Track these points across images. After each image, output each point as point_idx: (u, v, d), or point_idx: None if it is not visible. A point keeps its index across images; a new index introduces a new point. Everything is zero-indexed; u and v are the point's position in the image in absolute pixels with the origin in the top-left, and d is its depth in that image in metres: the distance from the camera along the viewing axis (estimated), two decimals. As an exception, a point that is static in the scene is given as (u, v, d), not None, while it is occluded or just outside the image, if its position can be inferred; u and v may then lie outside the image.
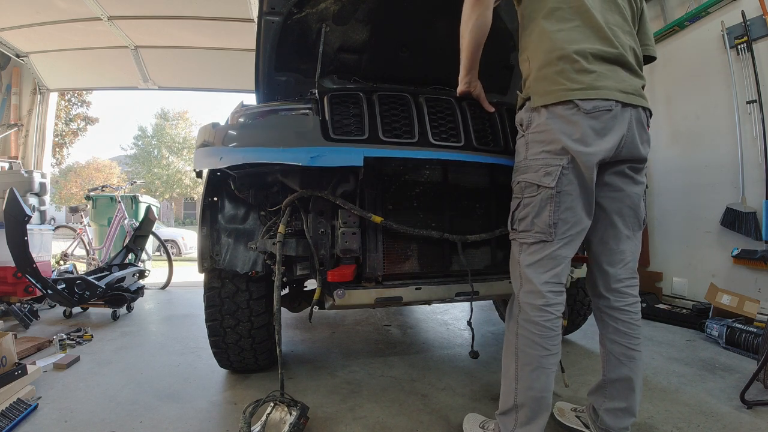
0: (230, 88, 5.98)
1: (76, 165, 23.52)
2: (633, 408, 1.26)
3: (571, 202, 1.16)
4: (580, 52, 1.13)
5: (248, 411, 1.38)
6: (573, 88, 1.12)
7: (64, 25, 4.66)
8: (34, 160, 5.63)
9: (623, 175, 1.24)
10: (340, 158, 1.37)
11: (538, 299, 1.17)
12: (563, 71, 1.14)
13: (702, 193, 3.09)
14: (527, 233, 1.20)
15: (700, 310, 2.74)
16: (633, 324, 1.28)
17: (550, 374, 1.16)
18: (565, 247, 1.17)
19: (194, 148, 1.71)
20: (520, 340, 1.18)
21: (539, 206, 1.17)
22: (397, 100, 1.59)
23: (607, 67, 1.15)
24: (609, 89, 1.13)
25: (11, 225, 2.19)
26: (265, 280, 1.72)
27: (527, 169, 1.20)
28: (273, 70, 2.19)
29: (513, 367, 1.19)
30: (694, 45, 3.11)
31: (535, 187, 1.18)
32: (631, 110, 1.16)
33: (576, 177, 1.15)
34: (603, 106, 1.12)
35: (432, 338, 2.60)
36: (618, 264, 1.29)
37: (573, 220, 1.17)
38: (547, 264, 1.17)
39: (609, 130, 1.14)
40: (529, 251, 1.20)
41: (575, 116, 1.12)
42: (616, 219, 1.27)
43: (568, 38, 1.15)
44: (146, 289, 3.59)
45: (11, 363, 1.66)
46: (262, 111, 1.58)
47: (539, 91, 1.18)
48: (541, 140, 1.17)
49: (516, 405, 1.17)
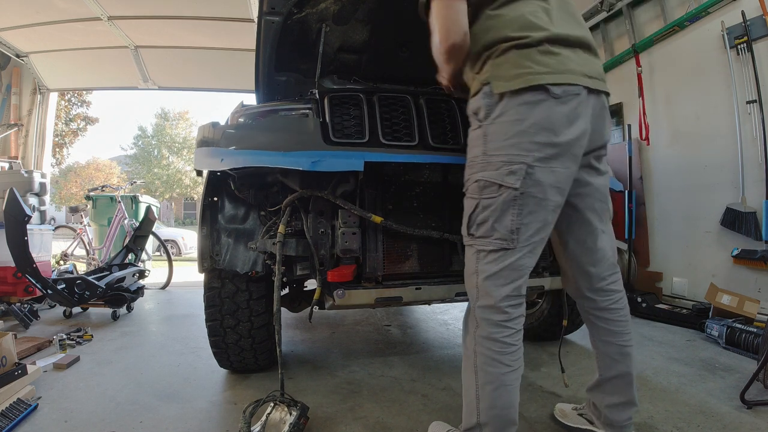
0: (230, 88, 5.98)
1: (76, 165, 23.52)
2: (633, 399, 1.24)
3: (536, 205, 1.04)
4: (542, 38, 1.05)
5: (248, 411, 1.38)
6: (541, 72, 1.02)
7: (64, 25, 4.66)
8: (34, 160, 5.63)
9: (590, 167, 1.17)
10: (341, 163, 1.37)
11: (497, 315, 1.07)
12: (528, 54, 1.04)
13: (702, 193, 3.08)
14: (486, 239, 1.08)
15: (700, 310, 2.74)
16: (623, 321, 1.24)
17: (513, 390, 1.08)
18: (528, 256, 1.08)
19: (194, 147, 1.71)
20: (479, 358, 1.08)
21: (501, 209, 1.05)
22: (397, 101, 1.59)
23: (570, 50, 1.08)
24: (575, 73, 1.05)
25: (11, 225, 2.19)
26: (265, 280, 1.72)
27: (486, 165, 1.07)
28: (273, 70, 2.19)
29: (474, 385, 1.09)
30: (694, 45, 3.11)
31: (495, 187, 1.05)
32: (595, 96, 1.09)
33: (544, 176, 1.03)
34: (572, 90, 1.03)
35: (432, 338, 2.59)
36: (600, 263, 1.23)
37: (537, 226, 1.06)
38: (509, 275, 1.07)
39: (578, 117, 1.05)
40: (487, 260, 1.08)
41: (544, 102, 1.02)
42: (590, 216, 1.19)
43: (527, 24, 1.07)
44: (146, 289, 3.59)
45: (11, 363, 1.66)
46: (262, 111, 1.58)
47: (502, 76, 1.05)
48: (503, 132, 1.04)
49: (479, 423, 1.09)
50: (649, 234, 3.54)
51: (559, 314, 2.25)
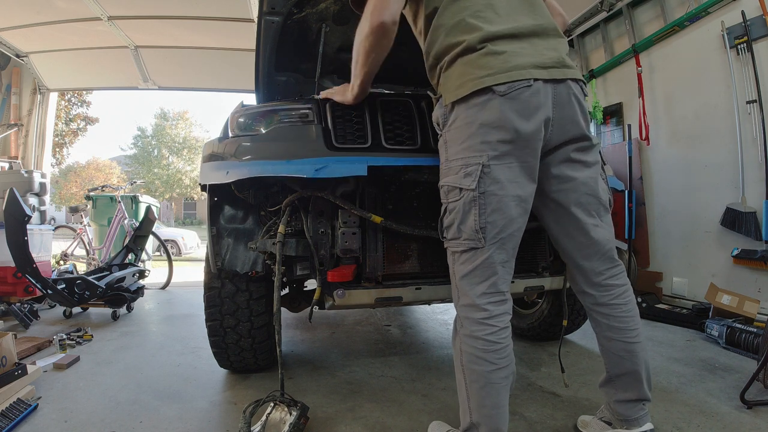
0: (230, 88, 5.99)
1: (76, 165, 23.54)
2: (644, 394, 1.21)
3: (498, 202, 1.06)
4: (484, 38, 1.05)
5: (248, 411, 1.38)
6: (482, 75, 1.02)
7: (64, 25, 4.66)
8: (34, 160, 5.63)
9: (571, 161, 1.15)
10: (344, 168, 1.38)
11: (477, 312, 1.08)
12: (469, 62, 1.05)
13: (702, 193, 3.08)
14: (456, 241, 1.11)
15: (700, 310, 2.74)
16: (626, 317, 1.21)
17: (501, 389, 1.08)
18: (498, 252, 1.08)
19: (201, 163, 1.73)
20: (465, 356, 1.10)
21: (463, 211, 1.08)
22: (398, 105, 1.59)
23: (521, 44, 1.06)
24: (523, 67, 1.02)
25: (11, 225, 2.19)
26: (265, 280, 1.72)
27: (448, 171, 1.11)
28: (273, 70, 2.19)
29: (463, 384, 1.11)
30: (694, 45, 3.11)
31: (457, 190, 1.08)
32: (554, 85, 1.06)
33: (501, 172, 1.04)
34: (519, 84, 1.02)
35: (432, 338, 2.60)
36: (593, 257, 1.20)
37: (503, 222, 1.07)
38: (482, 273, 1.08)
39: (535, 109, 1.03)
40: (461, 260, 1.11)
41: (491, 101, 1.02)
42: (576, 211, 1.17)
43: (468, 28, 1.07)
44: (146, 289, 3.59)
45: (11, 363, 1.66)
46: (262, 111, 1.58)
47: (449, 88, 1.09)
48: (457, 137, 1.08)
49: (473, 423, 1.10)
50: (649, 234, 3.54)
51: (559, 314, 2.25)
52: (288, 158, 1.41)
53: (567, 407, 1.62)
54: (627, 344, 1.21)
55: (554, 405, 1.64)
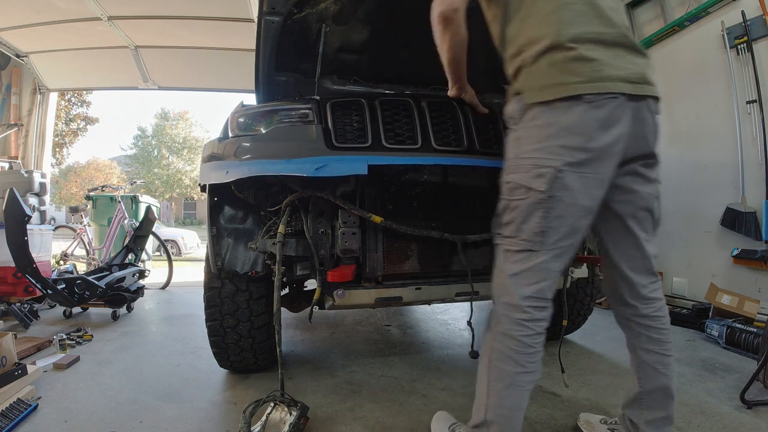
0: (230, 88, 5.99)
1: (76, 165, 23.53)
2: (672, 412, 1.20)
3: (565, 210, 1.03)
4: (574, 37, 1.01)
5: (248, 411, 1.38)
6: (571, 82, 1.00)
7: (64, 25, 4.66)
8: (34, 160, 5.64)
9: (635, 175, 1.13)
10: (345, 167, 1.38)
11: (518, 313, 1.06)
12: (556, 63, 1.02)
13: (702, 193, 3.08)
14: (512, 239, 1.09)
15: (700, 310, 2.74)
16: (664, 329, 1.21)
17: (524, 392, 1.07)
18: (554, 260, 1.07)
19: (201, 163, 1.73)
20: (494, 353, 1.08)
21: (527, 211, 1.05)
22: (399, 105, 1.59)
23: (609, 52, 1.03)
24: (612, 80, 1.01)
25: (11, 225, 2.19)
26: (265, 280, 1.72)
27: (517, 168, 1.09)
28: (273, 70, 2.19)
29: (485, 380, 1.10)
30: (694, 45, 3.11)
31: (524, 189, 1.06)
32: (636, 101, 1.04)
33: (574, 180, 1.02)
34: (606, 96, 1.00)
35: (432, 338, 2.60)
36: (641, 270, 1.20)
37: (565, 231, 1.05)
38: (532, 276, 1.06)
39: (615, 122, 1.01)
40: (513, 259, 1.09)
41: (575, 107, 1.00)
42: (631, 223, 1.17)
43: (560, 22, 1.03)
44: (146, 289, 3.58)
45: (11, 363, 1.66)
46: (262, 111, 1.58)
47: (533, 86, 1.06)
48: (533, 136, 1.05)
49: (486, 421, 1.08)
50: (649, 234, 3.53)
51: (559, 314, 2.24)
52: (288, 157, 1.41)
53: (567, 407, 1.62)
54: (663, 356, 1.20)
55: (554, 405, 1.64)
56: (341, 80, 2.29)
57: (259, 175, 1.42)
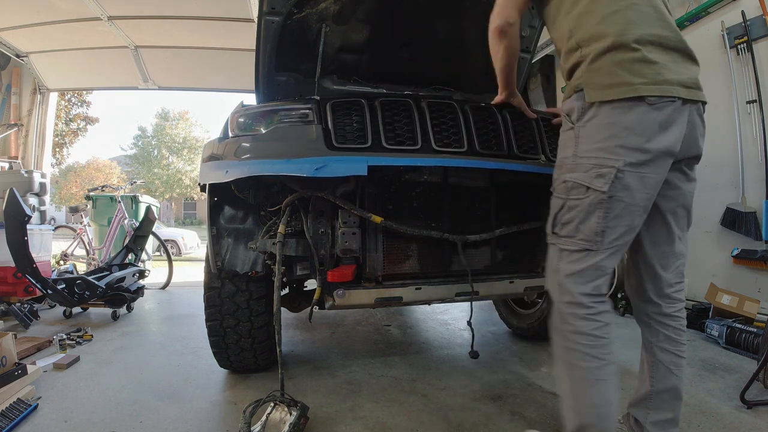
0: (230, 88, 5.99)
1: (76, 165, 23.53)
2: (678, 417, 1.20)
3: (624, 209, 1.04)
4: (639, 39, 1.02)
5: (248, 411, 1.38)
6: (635, 83, 1.01)
7: (64, 25, 4.66)
8: (34, 160, 5.64)
9: (681, 172, 1.15)
10: (344, 168, 1.38)
11: (582, 309, 1.07)
12: (620, 63, 1.03)
13: (702, 193, 3.07)
14: (570, 239, 1.09)
15: (700, 310, 2.74)
16: (682, 330, 1.22)
17: (610, 386, 1.06)
18: (610, 258, 1.08)
19: (201, 163, 1.73)
20: (570, 354, 1.07)
21: (587, 211, 1.06)
22: (399, 105, 1.59)
23: (668, 56, 1.05)
24: (671, 84, 1.02)
25: (11, 225, 2.19)
26: (265, 280, 1.72)
27: (576, 167, 1.08)
28: (273, 70, 2.19)
29: (568, 384, 1.09)
30: (694, 45, 3.03)
31: (583, 188, 1.06)
32: (691, 105, 1.07)
33: (634, 181, 1.03)
34: (666, 99, 1.02)
35: (432, 338, 2.60)
36: (670, 268, 1.21)
37: (623, 230, 1.06)
38: (590, 275, 1.07)
39: (672, 124, 1.03)
40: (570, 259, 1.09)
41: (637, 107, 1.01)
42: (669, 219, 1.18)
43: (626, 21, 1.04)
44: (146, 289, 3.58)
45: (11, 363, 1.66)
46: (262, 111, 1.58)
47: (595, 84, 1.06)
48: (593, 135, 1.06)
49: (582, 426, 1.06)
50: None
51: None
52: (288, 157, 1.41)
53: (567, 407, 1.62)
54: (678, 357, 1.20)
55: (554, 405, 1.64)
56: (341, 80, 2.29)
57: (259, 174, 1.42)
